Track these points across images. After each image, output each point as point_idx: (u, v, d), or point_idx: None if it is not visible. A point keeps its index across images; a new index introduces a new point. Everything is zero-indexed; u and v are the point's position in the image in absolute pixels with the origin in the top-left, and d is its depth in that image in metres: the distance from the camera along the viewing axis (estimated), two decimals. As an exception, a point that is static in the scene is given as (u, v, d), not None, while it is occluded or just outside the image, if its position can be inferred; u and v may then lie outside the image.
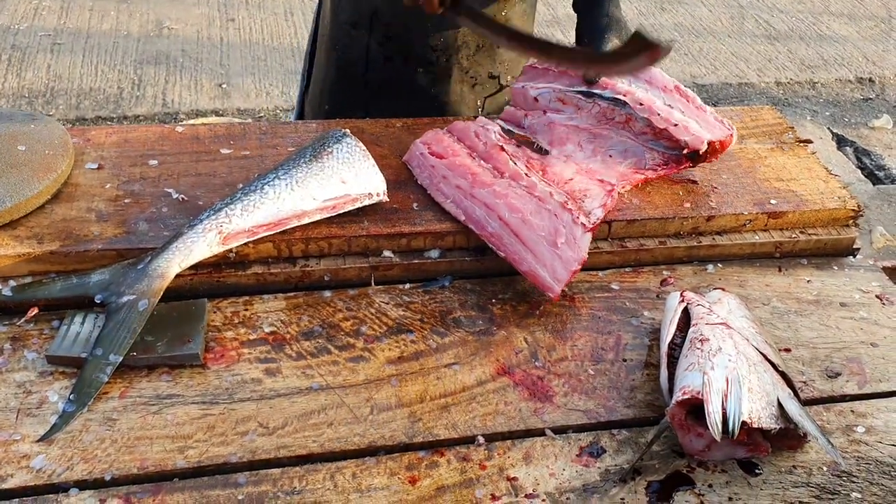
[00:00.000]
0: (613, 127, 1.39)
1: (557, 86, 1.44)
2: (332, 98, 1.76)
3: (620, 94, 1.38)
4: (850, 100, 4.22)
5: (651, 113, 1.35)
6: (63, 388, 1.04)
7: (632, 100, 1.37)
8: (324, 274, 1.22)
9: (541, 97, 1.45)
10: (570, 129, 1.40)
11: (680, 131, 1.33)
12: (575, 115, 1.42)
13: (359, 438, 1.01)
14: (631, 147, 1.38)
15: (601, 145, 1.38)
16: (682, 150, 1.35)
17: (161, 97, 3.69)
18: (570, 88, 1.42)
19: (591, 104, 1.41)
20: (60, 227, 1.20)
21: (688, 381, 0.99)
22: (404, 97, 1.66)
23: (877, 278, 1.33)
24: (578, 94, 1.42)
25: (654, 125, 1.35)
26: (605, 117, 1.40)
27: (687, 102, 1.39)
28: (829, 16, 4.86)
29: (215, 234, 1.15)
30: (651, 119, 1.34)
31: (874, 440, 1.07)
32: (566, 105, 1.43)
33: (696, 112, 1.37)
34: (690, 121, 1.35)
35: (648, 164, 1.36)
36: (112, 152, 1.36)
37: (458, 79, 1.69)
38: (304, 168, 1.23)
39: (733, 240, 1.33)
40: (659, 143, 1.37)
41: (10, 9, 4.23)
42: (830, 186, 1.41)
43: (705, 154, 1.35)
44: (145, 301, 1.09)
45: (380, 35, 1.63)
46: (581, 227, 1.21)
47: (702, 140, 1.33)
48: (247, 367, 1.09)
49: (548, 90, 1.44)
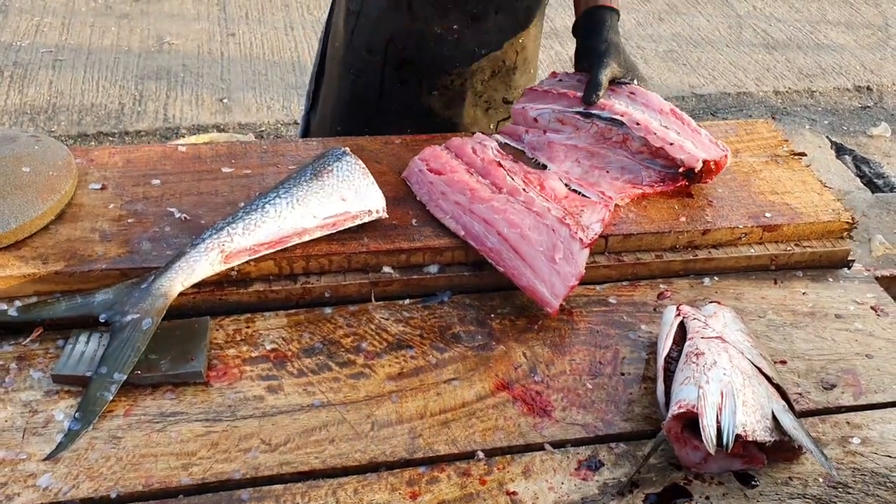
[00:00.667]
0: (611, 146, 1.43)
1: (557, 107, 1.48)
2: (344, 121, 1.77)
3: (618, 114, 1.42)
4: (849, 108, 4.23)
5: (647, 132, 1.39)
6: (69, 406, 1.05)
7: (629, 120, 1.40)
8: (324, 290, 1.24)
9: (540, 117, 1.48)
10: (569, 148, 1.44)
11: (676, 150, 1.37)
12: (573, 134, 1.45)
13: (360, 454, 1.02)
14: (628, 165, 1.41)
15: (598, 163, 1.42)
16: (678, 169, 1.38)
17: (162, 112, 3.71)
18: (568, 109, 1.46)
19: (590, 124, 1.44)
20: (65, 248, 1.22)
21: (683, 394, 1.00)
22: (418, 120, 1.68)
23: (871, 289, 1.34)
24: (577, 115, 1.45)
25: (650, 144, 1.38)
26: (602, 137, 1.43)
27: (682, 124, 1.42)
28: (826, 25, 4.88)
29: (217, 252, 1.17)
30: (647, 138, 1.38)
31: (870, 451, 1.08)
32: (565, 125, 1.47)
33: (691, 133, 1.41)
34: (686, 141, 1.39)
35: (645, 181, 1.40)
36: (115, 172, 1.37)
37: (472, 102, 1.71)
38: (305, 186, 1.25)
39: (729, 253, 1.35)
40: (655, 161, 1.41)
41: (11, 26, 4.26)
42: (825, 199, 1.42)
43: (700, 173, 1.38)
44: (149, 320, 1.11)
45: (395, 60, 1.65)
46: (579, 243, 1.22)
47: (697, 159, 1.36)
48: (249, 385, 1.10)
49: (547, 111, 1.48)
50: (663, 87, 4.18)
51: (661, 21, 4.76)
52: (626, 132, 1.41)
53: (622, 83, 1.48)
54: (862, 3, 5.12)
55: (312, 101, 1.86)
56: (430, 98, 1.68)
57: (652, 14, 4.82)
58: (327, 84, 1.79)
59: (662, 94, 4.34)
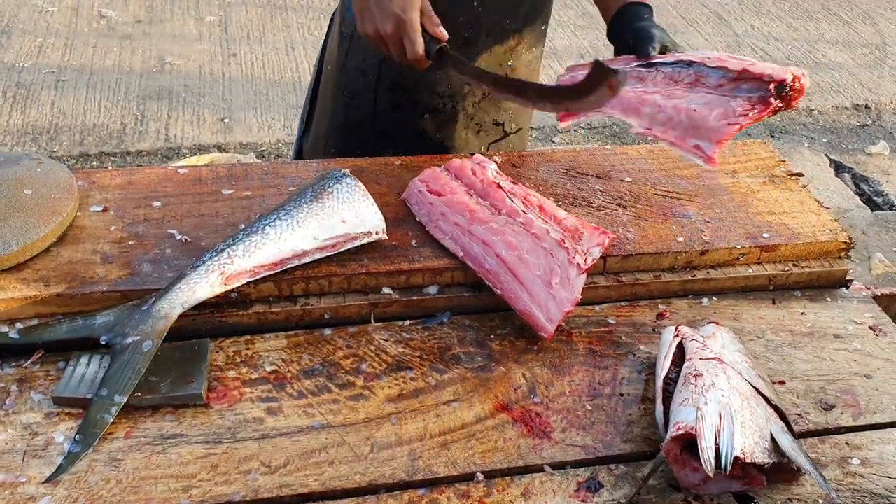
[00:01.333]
0: (685, 88, 1.32)
1: (629, 67, 1.39)
2: (337, 143, 1.78)
3: (682, 57, 1.34)
4: (847, 126, 4.25)
5: (722, 61, 1.30)
6: (69, 429, 1.06)
7: (698, 56, 1.32)
8: (324, 312, 1.24)
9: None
10: (640, 96, 1.34)
11: (761, 66, 1.27)
12: (639, 85, 1.36)
13: (359, 476, 1.02)
14: (713, 100, 1.29)
15: (680, 104, 1.31)
16: (767, 88, 1.25)
17: (164, 132, 3.73)
18: (625, 66, 1.39)
19: (654, 72, 1.35)
20: (66, 270, 1.22)
21: (682, 416, 1.00)
22: (411, 142, 1.69)
23: (870, 309, 1.35)
24: (637, 68, 1.38)
25: (730, 70, 1.28)
26: (672, 81, 1.34)
27: (743, 58, 1.33)
28: (824, 43, 4.91)
29: (218, 274, 1.17)
30: (727, 64, 1.29)
31: (869, 472, 1.08)
32: (628, 79, 1.36)
33: (758, 61, 1.32)
34: (762, 64, 1.29)
35: (738, 111, 1.27)
36: (116, 195, 1.38)
37: (464, 125, 1.72)
38: (305, 208, 1.26)
39: (727, 273, 1.35)
40: (740, 89, 1.28)
41: (14, 47, 4.29)
42: (822, 219, 1.43)
43: (791, 90, 1.25)
44: (149, 342, 1.11)
45: (388, 81, 1.66)
46: (576, 268, 1.23)
47: (786, 69, 1.25)
48: (249, 407, 1.10)
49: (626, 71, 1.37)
50: (662, 106, 4.20)
51: (659, 40, 4.78)
52: (699, 70, 1.31)
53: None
54: (859, 23, 5.15)
55: (306, 125, 1.87)
56: (422, 120, 1.70)
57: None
58: (321, 106, 1.81)
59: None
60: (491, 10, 1.61)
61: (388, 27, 1.36)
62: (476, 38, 1.62)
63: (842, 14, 5.24)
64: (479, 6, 1.59)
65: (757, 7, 5.29)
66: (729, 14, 5.16)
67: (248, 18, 4.69)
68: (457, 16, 1.58)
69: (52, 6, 4.71)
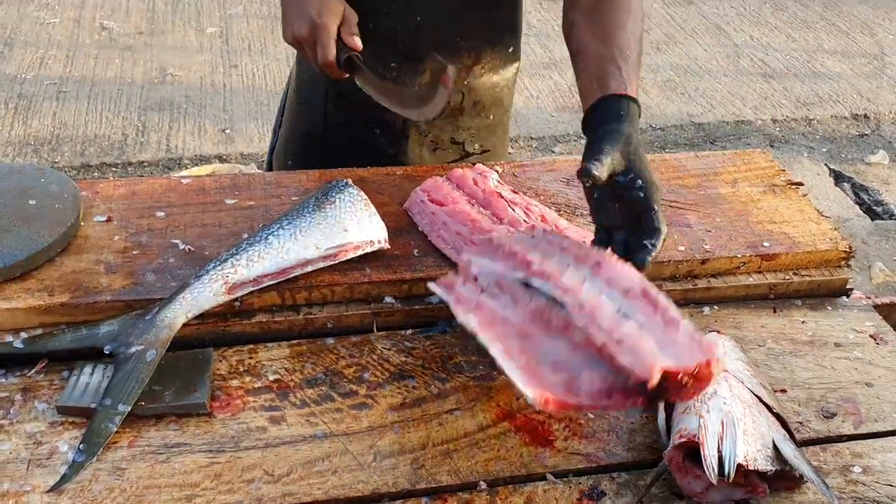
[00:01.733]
0: (549, 332, 1.05)
1: (500, 268, 1.15)
2: (294, 155, 1.76)
3: (562, 290, 1.05)
4: (846, 136, 4.27)
5: (591, 321, 1.00)
6: (73, 438, 1.06)
7: (573, 300, 1.03)
8: (327, 321, 1.25)
9: (480, 276, 1.15)
10: (499, 320, 1.08)
11: (624, 350, 0.96)
12: (509, 306, 1.10)
13: (363, 485, 1.03)
14: (565, 360, 1.01)
15: (530, 349, 1.03)
16: (626, 381, 0.96)
17: (165, 143, 3.75)
18: (511, 273, 1.13)
19: (529, 298, 1.09)
20: (70, 280, 1.23)
21: (684, 424, 1.01)
22: (365, 157, 1.61)
23: (870, 318, 1.35)
24: (518, 284, 1.11)
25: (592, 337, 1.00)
26: (541, 317, 1.06)
27: (653, 312, 1.01)
28: (822, 54, 4.93)
29: (221, 284, 1.18)
30: (590, 330, 1.00)
31: (871, 480, 1.08)
32: (503, 291, 1.12)
33: (662, 326, 0.99)
34: (647, 339, 0.97)
35: (583, 388, 0.98)
36: (120, 205, 1.39)
37: (417, 141, 1.67)
38: (308, 218, 1.27)
39: (728, 282, 1.36)
40: (601, 363, 0.99)
41: (16, 58, 4.31)
42: (822, 228, 1.44)
43: (661, 390, 0.95)
44: (153, 351, 1.12)
45: (334, 92, 1.63)
46: None
47: (651, 367, 0.93)
48: (252, 416, 1.11)
49: (490, 271, 1.15)
50: (661, 117, 4.22)
51: (659, 51, 4.81)
52: (569, 317, 1.03)
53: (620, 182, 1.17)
54: (857, 33, 5.18)
55: (276, 135, 1.85)
56: (374, 135, 1.65)
57: (650, 44, 4.87)
58: (286, 118, 1.79)
59: (660, 123, 4.36)
60: (435, 24, 1.54)
61: (304, 30, 1.35)
62: (422, 55, 1.56)
63: (840, 24, 5.27)
64: (422, 18, 1.53)
65: (755, 17, 5.32)
66: (728, 25, 5.19)
67: (249, 30, 4.71)
68: (394, 27, 1.53)
69: (54, 18, 4.73)
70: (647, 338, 0.97)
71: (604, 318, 1.00)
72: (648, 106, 4.30)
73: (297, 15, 1.36)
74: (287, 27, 1.39)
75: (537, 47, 4.73)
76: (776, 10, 5.43)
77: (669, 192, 1.51)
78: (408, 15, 1.54)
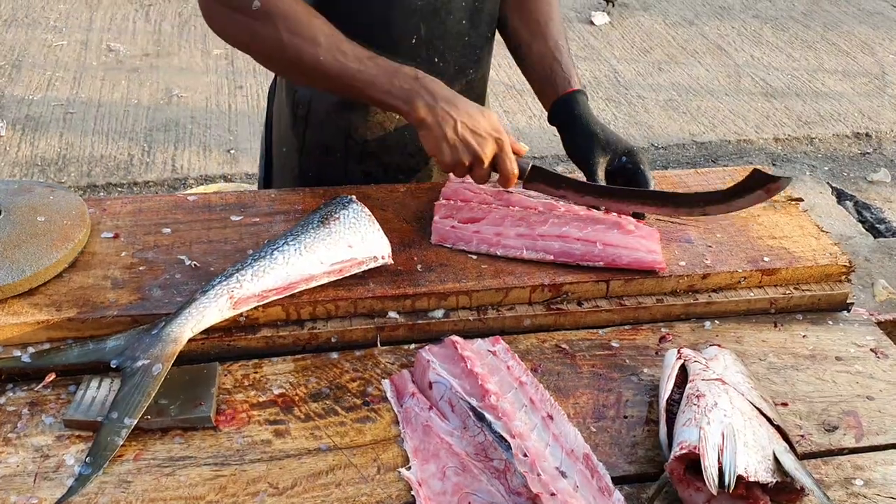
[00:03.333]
0: (488, 470, 1.06)
1: (456, 386, 1.14)
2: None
3: (510, 434, 1.06)
4: (848, 154, 4.28)
5: (531, 469, 1.02)
6: (79, 451, 1.07)
7: (517, 446, 1.05)
8: (331, 336, 1.26)
9: (436, 387, 1.15)
10: (443, 446, 1.09)
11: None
12: (456, 432, 1.11)
13: (366, 498, 1.03)
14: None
15: (465, 484, 1.04)
16: None
17: (171, 163, 3.77)
18: (465, 398, 1.12)
19: (478, 431, 1.09)
20: (77, 295, 1.24)
21: (685, 436, 1.01)
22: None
23: (871, 332, 1.36)
24: (470, 411, 1.11)
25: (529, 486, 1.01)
26: (484, 453, 1.08)
27: (590, 477, 1.05)
28: (823, 73, 4.96)
29: (226, 299, 1.19)
30: (527, 478, 1.01)
31: (873, 493, 1.08)
32: (454, 413, 1.13)
33: (596, 492, 1.04)
34: (580, 501, 1.02)
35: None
36: (127, 221, 1.41)
37: (441, 178, 1.67)
38: (312, 234, 1.28)
39: (729, 297, 1.37)
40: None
41: (24, 80, 4.35)
42: (822, 243, 1.45)
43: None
44: (159, 365, 1.13)
45: (356, 154, 1.61)
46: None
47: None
48: (257, 429, 1.12)
49: (446, 383, 1.15)
50: (664, 136, 4.24)
51: (660, 71, 4.84)
52: (510, 460, 1.05)
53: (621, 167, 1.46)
54: (858, 52, 5.21)
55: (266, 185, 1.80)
56: (395, 182, 1.63)
57: (651, 64, 4.90)
58: (279, 182, 1.74)
59: (662, 143, 4.36)
60: (451, 61, 1.56)
61: (490, 150, 1.34)
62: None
63: (841, 44, 5.30)
64: (440, 61, 1.54)
65: (756, 37, 5.35)
66: (729, 45, 5.23)
67: (255, 51, 4.75)
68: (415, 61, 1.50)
69: (62, 40, 4.79)
70: (580, 499, 1.02)
71: (544, 469, 1.04)
72: (650, 125, 4.32)
73: (475, 136, 1.33)
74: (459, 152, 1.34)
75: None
76: (777, 31, 5.47)
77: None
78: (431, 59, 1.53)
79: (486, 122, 1.34)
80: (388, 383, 1.20)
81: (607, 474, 1.06)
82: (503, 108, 4.31)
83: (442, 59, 1.54)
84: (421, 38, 1.50)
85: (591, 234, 1.37)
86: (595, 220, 1.40)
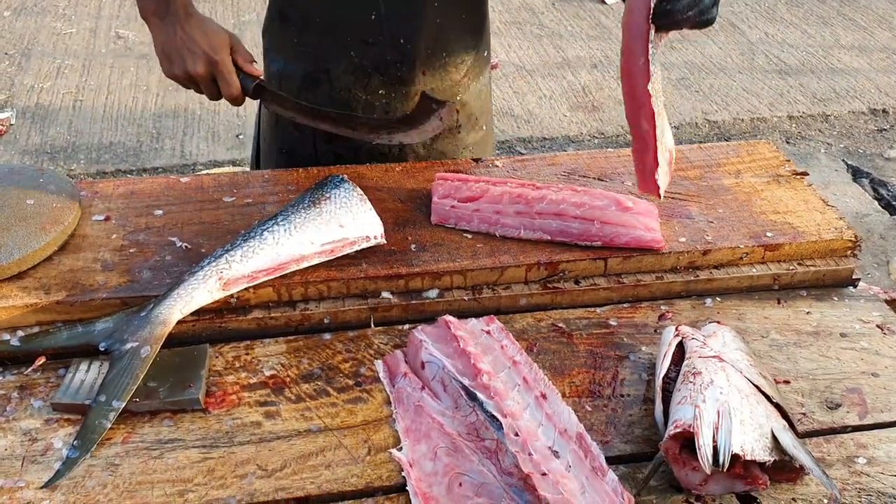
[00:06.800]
0: (479, 450, 1.04)
1: (450, 365, 1.13)
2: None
3: (502, 413, 1.05)
4: (864, 131, 4.21)
5: (522, 449, 1.01)
6: (68, 434, 1.06)
7: (508, 426, 1.03)
8: (323, 317, 1.24)
9: (429, 366, 1.14)
10: (435, 426, 1.07)
11: (547, 485, 0.97)
12: (448, 412, 1.09)
13: (356, 479, 1.02)
14: (489, 484, 1.00)
15: (456, 464, 1.02)
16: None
17: (179, 149, 3.77)
18: (458, 377, 1.11)
19: (470, 410, 1.08)
20: (67, 278, 1.23)
21: (680, 414, 0.99)
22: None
23: (877, 308, 1.32)
24: (462, 390, 1.10)
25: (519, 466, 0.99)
26: (476, 433, 1.06)
27: (583, 457, 1.03)
28: (839, 49, 4.87)
29: (215, 280, 1.18)
30: (517, 456, 1.00)
31: (876, 471, 1.06)
32: (446, 393, 1.11)
33: (589, 472, 1.01)
34: (573, 480, 1.00)
35: None
36: (119, 204, 1.40)
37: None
38: (303, 213, 1.26)
39: (730, 273, 1.34)
40: (523, 494, 0.99)
41: (34, 68, 4.36)
42: (827, 217, 1.41)
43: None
44: (147, 348, 1.11)
45: (325, 134, 1.57)
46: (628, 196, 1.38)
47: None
48: (247, 411, 1.10)
49: (439, 363, 1.13)
50: (676, 115, 4.19)
51: (673, 49, 4.78)
52: (502, 439, 1.03)
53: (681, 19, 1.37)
54: (875, 27, 5.11)
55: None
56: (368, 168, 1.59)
57: (664, 43, 4.83)
58: (263, 160, 1.76)
59: (675, 122, 4.30)
60: (421, 44, 1.52)
61: (200, 67, 1.38)
62: (411, 77, 1.55)
63: (857, 19, 5.21)
64: (406, 42, 1.51)
65: (770, 14, 5.27)
66: (742, 22, 5.14)
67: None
68: (384, 54, 1.51)
69: (71, 28, 4.78)
70: (572, 479, 1.00)
71: (535, 449, 1.02)
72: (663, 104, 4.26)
73: (188, 52, 1.38)
74: (173, 64, 1.40)
75: (550, 47, 4.71)
76: (792, 6, 5.37)
77: (671, 183, 1.49)
78: (395, 40, 1.51)
79: (206, 41, 1.37)
80: (381, 364, 1.18)
81: (601, 454, 1.04)
82: (513, 89, 4.27)
83: (408, 41, 1.51)
84: (381, 16, 1.47)
85: (589, 211, 1.34)
86: (593, 194, 1.37)
